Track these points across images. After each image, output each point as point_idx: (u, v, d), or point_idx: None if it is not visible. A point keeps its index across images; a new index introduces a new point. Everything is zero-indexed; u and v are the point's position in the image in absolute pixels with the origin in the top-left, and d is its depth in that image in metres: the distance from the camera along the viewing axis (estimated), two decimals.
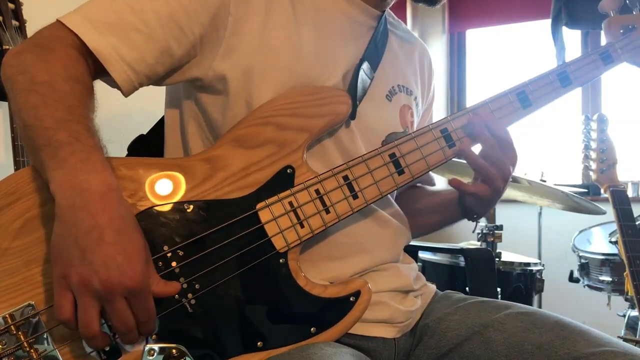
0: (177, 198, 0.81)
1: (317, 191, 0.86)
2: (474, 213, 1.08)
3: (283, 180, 0.85)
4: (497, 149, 0.97)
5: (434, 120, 1.23)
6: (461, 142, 0.96)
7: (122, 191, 0.74)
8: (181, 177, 0.82)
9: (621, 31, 1.11)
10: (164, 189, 0.81)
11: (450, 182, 0.99)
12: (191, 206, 0.81)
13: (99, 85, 0.86)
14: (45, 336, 0.75)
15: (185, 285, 0.79)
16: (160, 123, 1.06)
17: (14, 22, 1.39)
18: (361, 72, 0.95)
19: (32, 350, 0.73)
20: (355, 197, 0.88)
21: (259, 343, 0.81)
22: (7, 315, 0.74)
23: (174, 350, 0.77)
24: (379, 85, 1.01)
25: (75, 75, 0.79)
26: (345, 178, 0.88)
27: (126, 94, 0.86)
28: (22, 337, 0.73)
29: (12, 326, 0.73)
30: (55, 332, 0.75)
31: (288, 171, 0.86)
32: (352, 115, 0.94)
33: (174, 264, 0.79)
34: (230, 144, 0.85)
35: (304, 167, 0.87)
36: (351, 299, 0.85)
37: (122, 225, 0.71)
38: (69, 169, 0.71)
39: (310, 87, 0.91)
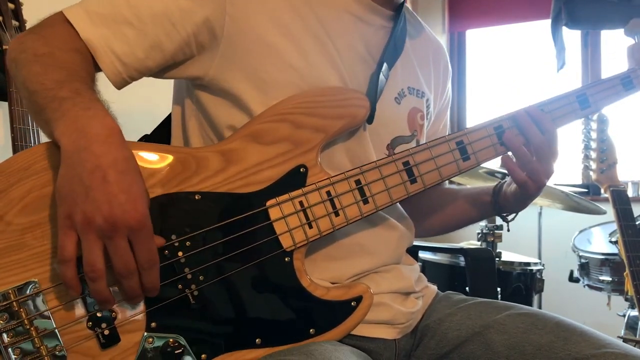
0: (188, 188, 0.81)
1: (328, 193, 0.86)
2: (508, 210, 1.11)
3: (295, 179, 0.85)
4: (546, 145, 0.99)
5: (448, 123, 1.24)
6: (476, 157, 0.96)
7: (124, 136, 0.75)
8: (195, 167, 0.82)
9: None
10: (177, 177, 0.81)
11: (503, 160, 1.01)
12: (202, 197, 0.81)
13: (100, 86, 0.86)
14: (47, 315, 0.74)
15: (189, 276, 0.79)
16: (164, 122, 1.07)
17: (14, 22, 1.39)
18: (380, 75, 0.95)
19: (32, 328, 0.73)
20: (365, 202, 0.88)
21: (257, 340, 0.81)
22: (10, 291, 0.73)
23: (171, 340, 0.78)
24: (389, 87, 1.00)
25: (74, 46, 0.82)
26: (358, 182, 0.88)
27: (116, 86, 0.88)
28: (23, 314, 0.73)
29: (14, 302, 0.73)
30: (57, 311, 0.75)
31: (301, 170, 0.86)
32: (370, 120, 0.93)
33: (180, 253, 0.79)
34: (246, 138, 0.86)
35: (317, 167, 0.87)
36: (352, 303, 0.85)
37: (125, 166, 0.72)
38: (71, 117, 0.73)
39: (329, 88, 0.91)
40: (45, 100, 0.75)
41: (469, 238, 2.64)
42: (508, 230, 1.26)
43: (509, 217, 1.15)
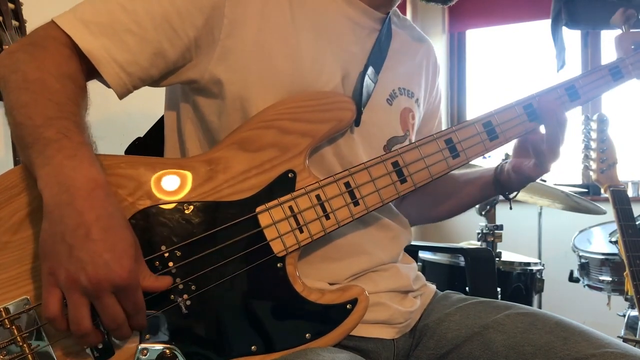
0: (176, 198, 0.81)
1: (317, 197, 0.86)
2: (509, 188, 1.11)
3: (284, 184, 0.85)
4: (558, 134, 1.00)
5: (442, 121, 1.23)
6: (465, 153, 0.96)
7: (110, 188, 0.74)
8: (182, 178, 0.82)
9: (632, 47, 1.09)
10: (164, 188, 0.81)
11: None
12: (191, 207, 0.81)
13: (98, 85, 0.86)
14: (39, 331, 0.74)
15: (181, 286, 0.79)
16: (157, 125, 1.06)
17: (14, 22, 1.39)
18: (366, 78, 0.95)
19: (25, 345, 0.73)
20: (356, 204, 0.88)
21: (252, 347, 0.81)
22: (1, 309, 0.73)
23: (166, 351, 0.77)
24: (380, 89, 1.00)
25: (67, 72, 0.79)
26: (347, 185, 0.88)
27: (120, 96, 0.86)
28: (15, 331, 0.73)
29: (6, 320, 0.73)
30: (50, 327, 0.74)
31: (289, 175, 0.85)
32: (357, 122, 0.93)
33: (170, 264, 0.79)
34: (232, 146, 0.85)
35: (305, 172, 0.86)
36: (348, 306, 0.85)
37: (109, 222, 0.70)
38: (55, 166, 0.71)
39: (315, 92, 0.91)
40: (30, 138, 0.73)
41: (469, 238, 2.64)
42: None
43: (511, 195, 1.15)
